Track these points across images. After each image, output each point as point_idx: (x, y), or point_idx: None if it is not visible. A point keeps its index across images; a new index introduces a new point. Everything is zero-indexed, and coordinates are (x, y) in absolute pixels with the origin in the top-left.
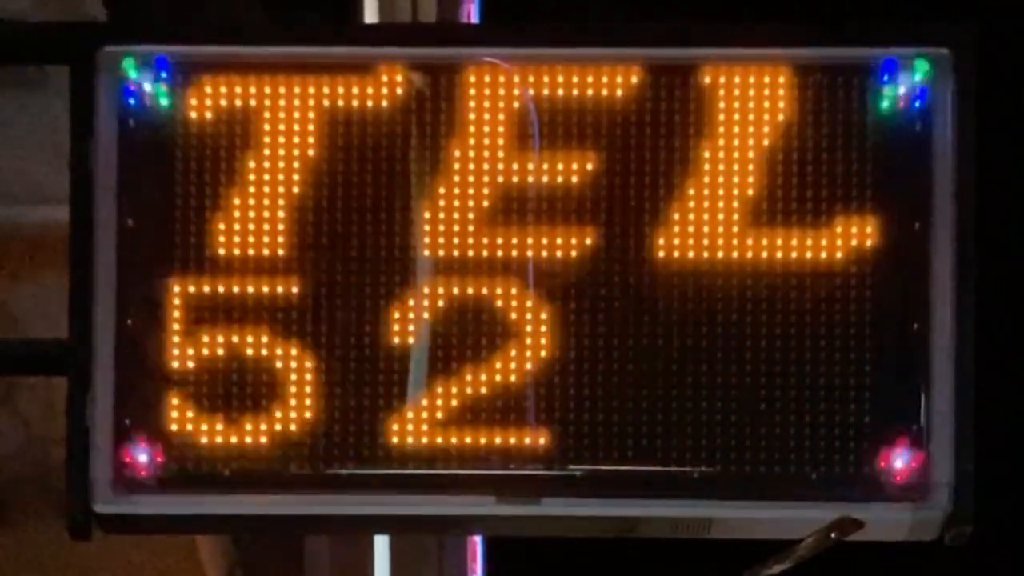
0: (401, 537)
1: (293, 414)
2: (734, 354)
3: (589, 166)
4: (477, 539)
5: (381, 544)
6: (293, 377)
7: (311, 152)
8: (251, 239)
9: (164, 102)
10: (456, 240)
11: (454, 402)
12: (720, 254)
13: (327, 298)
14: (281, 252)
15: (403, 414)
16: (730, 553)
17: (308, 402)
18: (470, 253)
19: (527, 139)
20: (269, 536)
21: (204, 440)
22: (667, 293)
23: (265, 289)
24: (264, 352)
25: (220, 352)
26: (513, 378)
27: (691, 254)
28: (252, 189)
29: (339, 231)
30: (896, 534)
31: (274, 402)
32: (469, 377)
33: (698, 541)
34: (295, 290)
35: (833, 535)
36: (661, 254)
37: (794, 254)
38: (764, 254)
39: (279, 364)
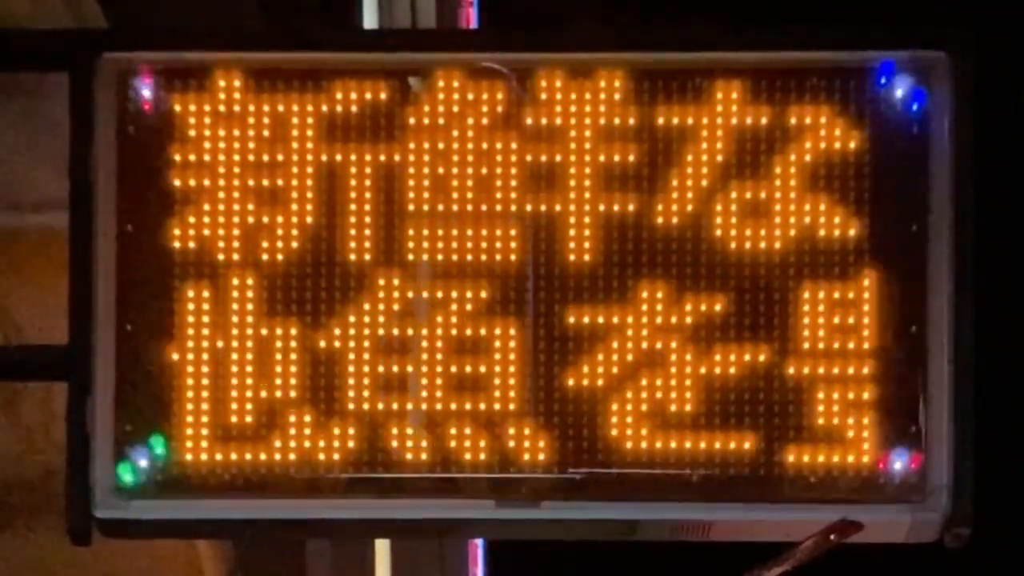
0: (402, 541)
1: (293, 418)
2: (733, 356)
3: (587, 170)
4: (478, 542)
5: (382, 548)
6: (293, 381)
7: (310, 157)
8: (250, 244)
9: (163, 108)
10: (455, 244)
11: (453, 406)
12: (717, 257)
13: (327, 302)
14: (280, 257)
15: (403, 418)
16: (729, 556)
17: (308, 406)
18: (468, 257)
19: (524, 143)
20: (268, 541)
21: (204, 445)
22: (665, 297)
23: (265, 294)
24: (264, 356)
25: (220, 357)
26: (512, 381)
27: (688, 257)
28: (252, 194)
29: (339, 235)
30: (895, 536)
31: (274, 406)
32: (469, 381)
33: (698, 544)
34: (295, 294)
35: (832, 537)
36: (659, 259)
37: (792, 256)
38: (761, 256)
39: (279, 368)
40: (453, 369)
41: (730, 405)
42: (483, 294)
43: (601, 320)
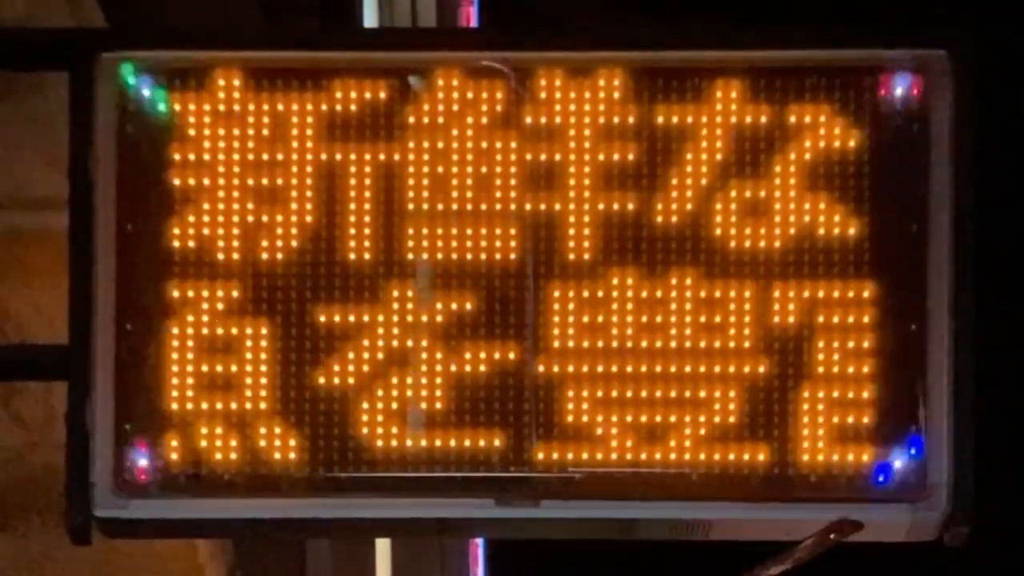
0: (402, 540)
1: (292, 417)
2: (732, 355)
3: (586, 169)
4: (478, 541)
5: (383, 547)
6: (292, 381)
7: (310, 156)
8: (250, 243)
9: (163, 107)
10: (455, 243)
11: (454, 404)
12: (717, 256)
13: (326, 302)
14: (280, 256)
15: (403, 417)
16: (729, 555)
17: (307, 405)
18: (468, 256)
19: (523, 142)
20: (268, 540)
21: (204, 444)
22: (665, 294)
23: (264, 293)
24: (264, 356)
25: (219, 356)
26: (511, 380)
27: (688, 256)
28: (251, 193)
29: (338, 235)
30: (895, 535)
31: (273, 405)
32: (469, 380)
33: (697, 543)
34: (294, 294)
35: (832, 536)
36: (658, 257)
37: (791, 255)
38: (761, 255)
39: (279, 368)
40: (453, 368)
41: (729, 403)
42: (484, 293)
43: (601, 319)
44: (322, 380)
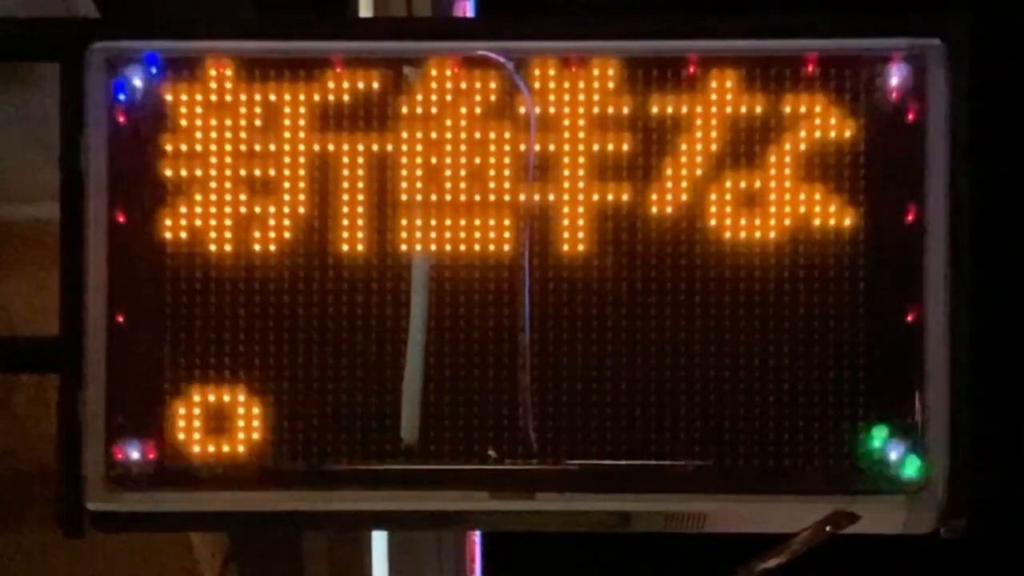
0: (399, 534)
1: (286, 410)
2: (727, 347)
3: (580, 159)
4: (476, 537)
5: (379, 540)
6: (286, 372)
7: (302, 147)
8: (243, 235)
9: (154, 98)
10: (448, 235)
11: (448, 397)
12: (712, 248)
13: (320, 294)
14: (273, 248)
15: (397, 409)
16: (725, 547)
17: (301, 397)
18: (462, 248)
19: (522, 132)
20: (263, 533)
21: (197, 437)
22: (659, 287)
23: (257, 285)
24: (256, 348)
25: (212, 348)
26: (506, 373)
27: (683, 248)
28: (244, 184)
29: (331, 226)
30: (891, 527)
31: (267, 398)
32: (463, 372)
33: (693, 535)
34: (287, 286)
35: (828, 529)
36: (653, 249)
37: (787, 247)
38: (757, 247)
39: (271, 359)
40: (447, 361)
41: (724, 396)
42: (478, 286)
43: (595, 311)
44: (316, 372)
